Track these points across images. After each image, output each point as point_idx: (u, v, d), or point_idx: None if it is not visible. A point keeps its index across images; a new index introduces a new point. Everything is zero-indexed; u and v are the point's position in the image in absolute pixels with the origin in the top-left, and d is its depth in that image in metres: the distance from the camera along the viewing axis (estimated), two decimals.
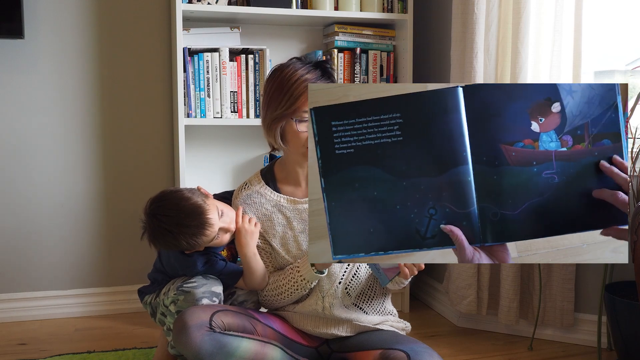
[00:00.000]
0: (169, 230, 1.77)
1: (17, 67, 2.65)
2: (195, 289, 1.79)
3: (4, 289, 2.71)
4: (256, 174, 1.95)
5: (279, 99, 1.77)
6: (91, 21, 2.72)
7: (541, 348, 2.42)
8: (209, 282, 1.82)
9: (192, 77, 2.58)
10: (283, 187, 1.91)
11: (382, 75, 2.80)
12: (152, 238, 1.81)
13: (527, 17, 2.34)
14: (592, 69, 2.60)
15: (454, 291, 2.60)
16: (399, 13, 2.76)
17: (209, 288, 1.81)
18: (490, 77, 2.47)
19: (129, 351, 2.32)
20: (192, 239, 1.77)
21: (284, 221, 1.87)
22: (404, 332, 1.95)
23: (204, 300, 1.79)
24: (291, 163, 1.89)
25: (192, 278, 1.83)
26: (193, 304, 1.78)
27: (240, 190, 1.94)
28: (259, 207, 1.89)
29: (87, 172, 2.78)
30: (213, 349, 1.67)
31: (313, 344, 1.90)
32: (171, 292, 1.84)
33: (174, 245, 1.80)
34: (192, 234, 1.77)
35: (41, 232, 2.74)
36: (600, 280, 2.35)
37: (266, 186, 1.91)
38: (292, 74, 1.77)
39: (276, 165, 1.96)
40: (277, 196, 1.89)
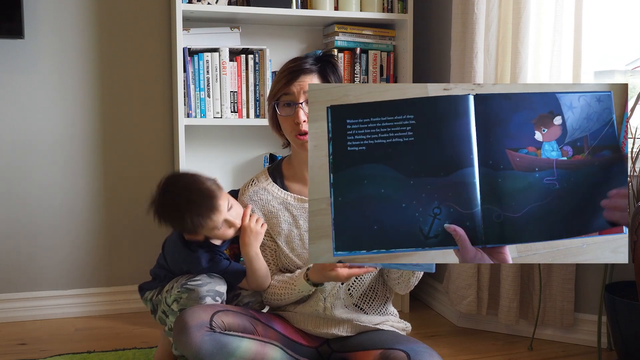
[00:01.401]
0: (178, 205, 1.78)
1: (17, 67, 2.66)
2: (199, 287, 1.78)
3: (4, 289, 2.71)
4: (263, 170, 1.96)
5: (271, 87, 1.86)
6: (91, 21, 2.72)
7: (541, 348, 2.42)
8: (214, 280, 1.82)
9: (192, 77, 2.58)
10: (290, 185, 1.91)
11: (382, 75, 2.80)
12: (159, 210, 1.82)
13: (527, 17, 2.34)
14: (592, 69, 2.60)
15: (454, 291, 2.60)
16: (399, 13, 2.76)
17: (213, 287, 1.81)
18: (490, 77, 2.47)
19: (129, 351, 2.32)
20: (197, 219, 1.77)
21: (290, 219, 1.87)
22: (404, 332, 1.95)
23: (208, 299, 1.79)
24: (296, 159, 1.90)
25: (197, 276, 1.82)
26: (196, 302, 1.78)
27: (248, 186, 1.94)
28: (265, 203, 1.89)
29: (87, 172, 2.78)
30: (213, 349, 1.67)
31: (313, 344, 1.90)
32: (174, 289, 1.83)
33: (179, 221, 1.80)
34: (199, 214, 1.77)
35: (41, 232, 2.74)
36: (600, 280, 2.35)
37: (273, 183, 1.91)
38: (286, 64, 1.83)
39: (284, 162, 1.96)
40: (284, 194, 1.89)
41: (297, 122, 1.77)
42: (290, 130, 1.80)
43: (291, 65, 1.81)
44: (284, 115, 1.80)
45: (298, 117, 1.76)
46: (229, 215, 1.82)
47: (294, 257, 1.86)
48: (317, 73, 1.80)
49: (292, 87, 1.77)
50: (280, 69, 1.84)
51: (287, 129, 1.81)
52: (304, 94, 1.76)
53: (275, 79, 1.83)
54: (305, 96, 1.76)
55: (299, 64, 1.80)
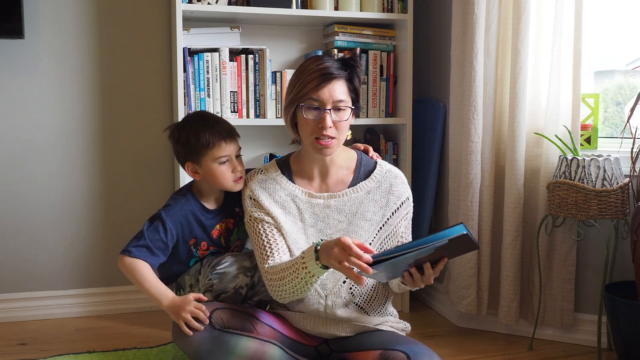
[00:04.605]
0: (205, 119, 1.93)
1: (17, 67, 2.66)
2: (228, 268, 1.87)
3: (4, 289, 2.71)
4: (272, 162, 1.97)
5: (293, 85, 1.82)
6: (91, 21, 2.72)
7: (541, 348, 2.42)
8: (239, 257, 1.90)
9: (192, 77, 2.58)
10: (297, 180, 1.91)
11: (382, 75, 2.80)
12: (184, 121, 1.95)
13: (527, 17, 2.34)
14: (592, 69, 2.60)
15: (454, 291, 2.60)
16: (399, 13, 2.76)
17: (242, 263, 1.89)
18: (490, 77, 2.47)
19: (129, 351, 2.32)
20: (212, 136, 1.88)
21: (296, 212, 1.87)
22: (403, 332, 1.95)
23: (240, 276, 1.87)
24: (306, 157, 1.90)
25: (222, 260, 1.90)
26: (231, 282, 1.86)
27: (256, 173, 1.94)
28: (273, 193, 1.89)
29: (88, 172, 2.78)
30: (212, 346, 1.68)
31: (312, 343, 1.90)
32: (202, 281, 1.90)
33: (195, 134, 1.89)
34: (217, 132, 1.88)
35: (41, 232, 2.74)
36: (600, 280, 2.35)
37: (282, 175, 1.91)
38: (311, 63, 1.80)
39: (292, 157, 1.96)
40: (293, 187, 1.89)
41: (322, 126, 1.75)
42: (310, 133, 1.78)
43: (320, 68, 1.77)
44: (310, 119, 1.77)
45: (325, 122, 1.75)
46: (236, 159, 1.92)
47: (295, 250, 1.86)
48: (344, 79, 1.79)
49: (321, 93, 1.75)
50: (305, 69, 1.80)
51: (308, 131, 1.79)
52: (332, 101, 1.76)
53: (302, 80, 1.79)
54: (332, 102, 1.76)
55: (329, 68, 1.77)
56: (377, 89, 2.80)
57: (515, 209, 2.41)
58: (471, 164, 2.47)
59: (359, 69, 1.85)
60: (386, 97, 2.81)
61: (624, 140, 2.35)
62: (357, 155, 1.94)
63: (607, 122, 2.63)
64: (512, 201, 2.41)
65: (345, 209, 1.86)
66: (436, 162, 2.82)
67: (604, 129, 2.61)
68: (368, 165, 1.93)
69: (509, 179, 2.42)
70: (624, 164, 2.29)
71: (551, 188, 2.28)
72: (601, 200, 2.17)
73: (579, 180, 2.20)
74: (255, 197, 1.88)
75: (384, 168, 1.92)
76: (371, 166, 1.93)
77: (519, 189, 2.41)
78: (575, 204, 2.20)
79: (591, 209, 2.18)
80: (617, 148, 2.34)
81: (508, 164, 2.42)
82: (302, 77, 1.79)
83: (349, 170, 1.91)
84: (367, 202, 1.87)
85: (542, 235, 2.40)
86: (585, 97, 2.45)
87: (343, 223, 1.86)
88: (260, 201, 1.86)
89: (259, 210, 1.86)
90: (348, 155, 1.93)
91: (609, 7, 2.54)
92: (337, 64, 1.79)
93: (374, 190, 1.88)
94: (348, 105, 1.79)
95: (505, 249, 2.43)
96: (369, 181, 1.89)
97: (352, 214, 1.86)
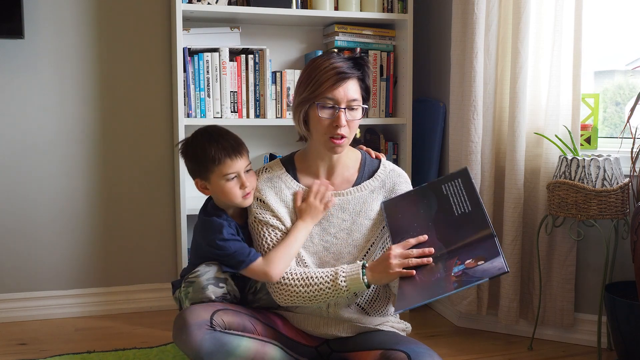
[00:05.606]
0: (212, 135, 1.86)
1: (17, 67, 2.65)
2: (199, 277, 1.80)
3: (4, 289, 2.71)
4: (276, 161, 1.97)
5: (306, 83, 1.81)
6: (91, 21, 2.72)
7: (541, 348, 2.42)
8: (212, 268, 1.82)
9: (192, 77, 2.58)
10: (302, 178, 1.91)
11: (382, 75, 2.80)
12: (193, 136, 1.89)
13: (527, 17, 2.34)
14: (592, 69, 2.60)
15: None
16: (399, 13, 2.76)
17: (212, 274, 1.81)
18: (490, 77, 2.47)
19: (129, 351, 2.32)
20: (219, 152, 1.82)
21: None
22: (404, 332, 1.95)
23: (210, 287, 1.79)
24: (313, 154, 1.90)
25: (196, 268, 1.83)
26: (201, 292, 1.79)
27: (261, 172, 1.93)
28: (279, 191, 1.89)
29: (87, 172, 2.78)
30: (213, 347, 1.67)
31: (313, 343, 1.90)
32: (182, 287, 1.86)
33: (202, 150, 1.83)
34: (224, 148, 1.82)
35: (41, 232, 2.74)
36: (600, 280, 2.35)
37: (287, 173, 1.91)
38: (324, 62, 1.80)
39: (297, 155, 1.96)
40: (298, 185, 1.89)
41: (336, 125, 1.76)
42: (324, 132, 1.79)
43: (335, 67, 1.77)
44: (325, 118, 1.78)
45: (339, 121, 1.76)
46: (244, 174, 1.85)
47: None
48: (357, 78, 1.81)
49: (336, 92, 1.76)
50: (318, 67, 1.80)
51: (321, 130, 1.79)
52: (346, 100, 1.77)
53: (316, 78, 1.78)
54: (347, 101, 1.77)
55: (343, 67, 1.78)
56: (377, 89, 2.80)
57: (515, 209, 2.41)
58: (471, 164, 2.47)
59: (369, 67, 1.87)
60: (386, 97, 2.81)
61: (624, 140, 2.35)
62: (362, 154, 1.95)
63: (607, 122, 2.63)
64: (512, 201, 2.42)
65: (349, 208, 1.87)
66: (436, 162, 2.82)
67: (604, 129, 2.61)
68: (372, 164, 1.93)
69: (509, 179, 2.42)
70: (624, 164, 2.29)
71: (551, 188, 2.28)
72: (601, 200, 2.17)
73: (579, 180, 2.20)
74: (262, 197, 1.88)
75: (388, 167, 1.93)
76: (375, 166, 1.93)
77: (519, 189, 2.41)
78: (575, 204, 2.20)
79: (591, 209, 2.18)
80: (617, 148, 2.35)
81: (508, 164, 2.42)
82: (316, 76, 1.79)
83: (354, 169, 1.92)
84: (371, 201, 1.87)
85: (542, 235, 2.40)
86: (585, 97, 2.45)
87: (347, 222, 1.86)
88: (267, 202, 1.87)
89: (264, 212, 1.86)
90: (353, 155, 1.94)
91: (609, 7, 2.54)
92: (350, 63, 1.80)
93: (377, 190, 1.89)
94: (360, 104, 1.81)
95: (505, 249, 2.43)
96: (373, 180, 1.90)
97: (356, 212, 1.87)
